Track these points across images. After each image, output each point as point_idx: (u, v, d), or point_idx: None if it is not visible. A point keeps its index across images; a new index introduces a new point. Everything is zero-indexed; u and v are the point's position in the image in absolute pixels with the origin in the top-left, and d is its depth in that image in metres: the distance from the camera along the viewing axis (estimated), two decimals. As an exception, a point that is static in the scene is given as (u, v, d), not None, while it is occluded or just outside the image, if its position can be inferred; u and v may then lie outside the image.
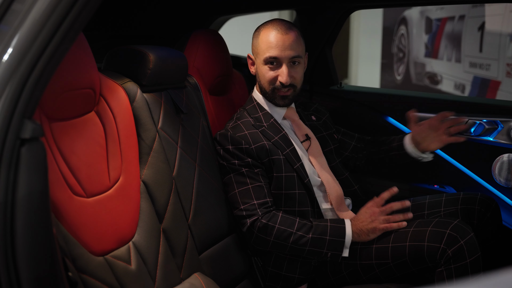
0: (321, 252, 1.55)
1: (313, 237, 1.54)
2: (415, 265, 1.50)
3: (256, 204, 1.57)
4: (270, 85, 1.69)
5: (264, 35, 1.67)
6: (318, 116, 1.88)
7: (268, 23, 1.71)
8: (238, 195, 1.61)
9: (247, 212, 1.58)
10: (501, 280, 0.58)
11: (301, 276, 1.64)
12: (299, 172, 1.65)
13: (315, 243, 1.54)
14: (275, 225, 1.55)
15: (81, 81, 1.22)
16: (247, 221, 1.57)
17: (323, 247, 1.54)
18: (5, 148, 0.80)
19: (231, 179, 1.64)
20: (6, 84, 0.81)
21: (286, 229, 1.55)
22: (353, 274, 1.60)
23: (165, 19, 2.50)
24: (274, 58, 1.64)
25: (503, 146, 1.95)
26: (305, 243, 1.54)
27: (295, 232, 1.55)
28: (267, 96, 1.72)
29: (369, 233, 1.53)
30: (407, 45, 5.92)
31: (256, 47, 1.70)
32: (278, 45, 1.63)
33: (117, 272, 1.20)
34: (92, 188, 1.22)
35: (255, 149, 1.62)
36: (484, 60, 4.36)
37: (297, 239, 1.54)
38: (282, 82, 1.65)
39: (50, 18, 0.83)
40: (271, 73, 1.67)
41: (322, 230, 1.54)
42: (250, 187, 1.60)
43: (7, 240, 0.80)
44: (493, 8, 4.23)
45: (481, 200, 1.72)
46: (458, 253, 1.42)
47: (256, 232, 1.56)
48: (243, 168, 1.61)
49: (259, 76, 1.72)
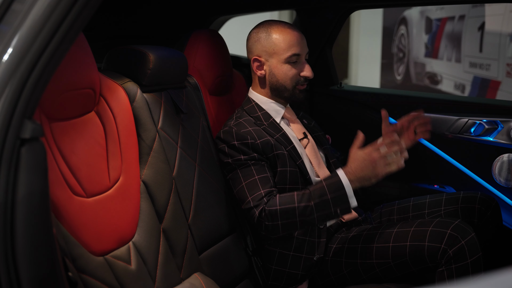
0: (331, 213, 1.50)
1: (315, 203, 1.49)
2: (416, 265, 1.50)
3: (262, 193, 1.56)
4: (292, 82, 1.71)
5: (281, 34, 1.68)
6: (308, 121, 1.91)
7: (272, 24, 1.71)
8: (245, 188, 1.58)
9: (254, 203, 1.55)
10: (501, 280, 0.58)
11: (304, 272, 1.64)
12: (302, 168, 1.66)
13: (321, 207, 1.49)
14: (276, 207, 1.52)
15: (81, 81, 1.22)
16: (256, 213, 1.54)
17: (329, 207, 1.49)
18: (5, 148, 0.80)
19: (237, 174, 1.62)
20: (6, 84, 0.81)
21: (288, 206, 1.52)
22: (353, 273, 1.60)
23: (165, 19, 2.50)
24: (297, 55, 1.68)
25: (503, 146, 1.95)
26: (311, 212, 1.50)
27: (297, 206, 1.51)
28: (285, 95, 1.73)
29: (372, 179, 1.47)
30: (407, 45, 5.92)
31: (270, 48, 1.68)
32: (299, 42, 1.69)
33: (117, 272, 1.20)
34: (92, 188, 1.22)
35: (261, 144, 1.62)
36: (484, 60, 4.36)
37: (302, 211, 1.51)
38: (308, 76, 1.70)
39: (50, 18, 0.83)
40: (293, 70, 1.69)
41: (320, 192, 1.50)
42: (256, 178, 1.59)
43: (7, 240, 0.80)
44: (493, 8, 4.24)
45: (481, 199, 1.72)
46: (459, 253, 1.43)
47: (265, 221, 1.54)
48: (249, 162, 1.61)
49: (276, 76, 1.70)
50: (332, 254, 1.65)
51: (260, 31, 1.71)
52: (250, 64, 1.74)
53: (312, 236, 1.65)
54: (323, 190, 1.50)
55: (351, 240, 1.63)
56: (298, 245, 1.64)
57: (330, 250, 1.66)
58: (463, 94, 4.70)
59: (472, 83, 4.58)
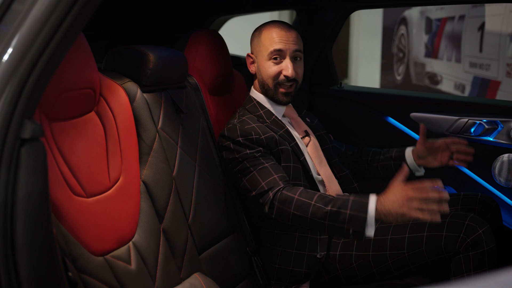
0: (342, 228, 1.40)
1: (331, 210, 1.41)
2: (431, 256, 1.51)
3: (276, 178, 1.53)
4: (273, 80, 1.70)
5: (267, 32, 1.71)
6: (311, 119, 1.91)
7: (268, 23, 1.76)
8: (257, 175, 1.55)
9: (268, 186, 1.51)
10: (501, 280, 0.58)
11: (307, 270, 1.64)
12: (305, 165, 1.67)
13: (334, 217, 1.41)
14: (294, 195, 1.47)
15: (81, 81, 1.22)
16: (270, 195, 1.50)
17: (343, 222, 1.40)
18: (5, 148, 0.80)
19: (245, 164, 1.59)
20: (6, 84, 0.81)
21: (305, 200, 1.46)
22: (363, 266, 1.59)
23: (165, 19, 2.50)
24: (278, 51, 1.67)
25: (503, 146, 1.95)
26: (324, 217, 1.42)
27: (314, 204, 1.44)
28: (269, 94, 1.74)
29: (397, 217, 1.34)
30: (407, 45, 5.92)
31: (257, 45, 1.74)
32: (282, 39, 1.68)
33: (117, 272, 1.20)
34: (92, 188, 1.22)
35: (265, 139, 1.62)
36: (484, 60, 4.36)
37: (315, 212, 1.44)
38: (287, 75, 1.67)
39: (50, 18, 0.83)
40: (275, 68, 1.69)
41: (342, 203, 1.41)
42: (267, 165, 1.57)
43: (7, 240, 0.80)
44: (493, 8, 4.24)
45: (482, 200, 1.73)
46: (477, 241, 1.46)
47: (277, 203, 1.49)
48: (256, 154, 1.59)
49: (261, 73, 1.73)
50: (340, 248, 1.64)
51: (256, 30, 1.77)
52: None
53: (314, 233, 1.65)
54: (346, 203, 1.41)
55: None
56: (300, 242, 1.64)
57: (338, 244, 1.65)
58: (463, 94, 4.70)
59: (472, 83, 4.58)
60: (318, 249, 1.64)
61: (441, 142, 1.74)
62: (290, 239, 1.64)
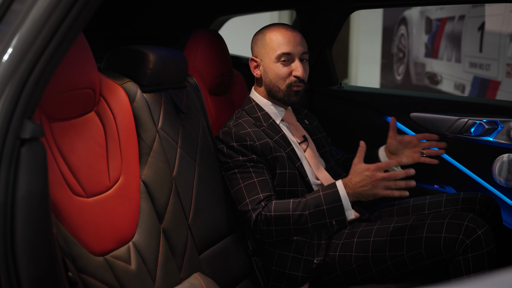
0: (326, 223, 1.49)
1: (310, 213, 1.49)
2: (430, 257, 1.51)
3: (261, 197, 1.56)
4: (284, 82, 1.69)
5: (272, 34, 1.69)
6: (310, 121, 1.90)
7: (271, 25, 1.73)
8: (244, 189, 1.58)
9: (252, 206, 1.55)
10: (501, 280, 0.58)
11: (305, 274, 1.64)
12: (301, 170, 1.66)
13: (315, 217, 1.49)
14: (271, 213, 1.52)
15: (81, 81, 1.22)
16: (253, 216, 1.55)
17: (324, 218, 1.48)
18: (5, 148, 0.80)
19: (235, 174, 1.62)
20: (6, 84, 0.81)
21: (282, 213, 1.52)
22: (362, 267, 1.59)
23: (165, 19, 2.50)
24: (287, 54, 1.66)
25: (503, 146, 1.95)
26: (306, 221, 1.49)
27: (292, 214, 1.51)
28: (278, 96, 1.71)
29: (368, 197, 1.44)
30: (407, 45, 5.92)
31: (262, 48, 1.71)
32: (290, 41, 1.67)
33: (117, 272, 1.20)
34: (92, 188, 1.22)
35: (260, 146, 1.62)
36: (484, 60, 4.36)
37: (296, 220, 1.50)
38: (298, 75, 1.67)
39: (50, 18, 0.83)
40: (284, 69, 1.67)
41: (316, 201, 1.49)
42: (255, 180, 1.59)
43: (7, 240, 0.80)
44: (493, 8, 4.23)
45: (481, 200, 1.72)
46: (476, 242, 1.46)
47: (260, 226, 1.54)
48: (248, 163, 1.61)
49: (269, 76, 1.70)
50: (340, 248, 1.64)
51: (258, 33, 1.75)
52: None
53: (312, 238, 1.65)
54: (319, 200, 1.49)
55: (361, 235, 1.63)
56: (298, 246, 1.64)
57: (337, 245, 1.65)
58: (463, 94, 4.70)
59: (472, 83, 4.58)
60: (316, 254, 1.64)
61: (411, 137, 1.75)
62: (288, 242, 1.64)
